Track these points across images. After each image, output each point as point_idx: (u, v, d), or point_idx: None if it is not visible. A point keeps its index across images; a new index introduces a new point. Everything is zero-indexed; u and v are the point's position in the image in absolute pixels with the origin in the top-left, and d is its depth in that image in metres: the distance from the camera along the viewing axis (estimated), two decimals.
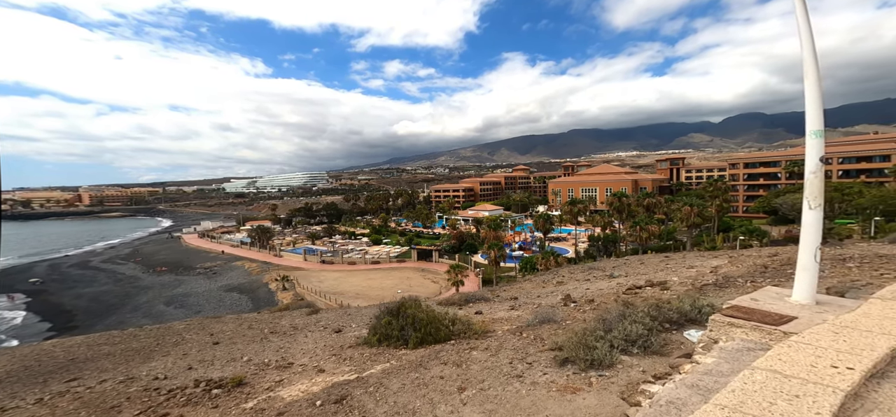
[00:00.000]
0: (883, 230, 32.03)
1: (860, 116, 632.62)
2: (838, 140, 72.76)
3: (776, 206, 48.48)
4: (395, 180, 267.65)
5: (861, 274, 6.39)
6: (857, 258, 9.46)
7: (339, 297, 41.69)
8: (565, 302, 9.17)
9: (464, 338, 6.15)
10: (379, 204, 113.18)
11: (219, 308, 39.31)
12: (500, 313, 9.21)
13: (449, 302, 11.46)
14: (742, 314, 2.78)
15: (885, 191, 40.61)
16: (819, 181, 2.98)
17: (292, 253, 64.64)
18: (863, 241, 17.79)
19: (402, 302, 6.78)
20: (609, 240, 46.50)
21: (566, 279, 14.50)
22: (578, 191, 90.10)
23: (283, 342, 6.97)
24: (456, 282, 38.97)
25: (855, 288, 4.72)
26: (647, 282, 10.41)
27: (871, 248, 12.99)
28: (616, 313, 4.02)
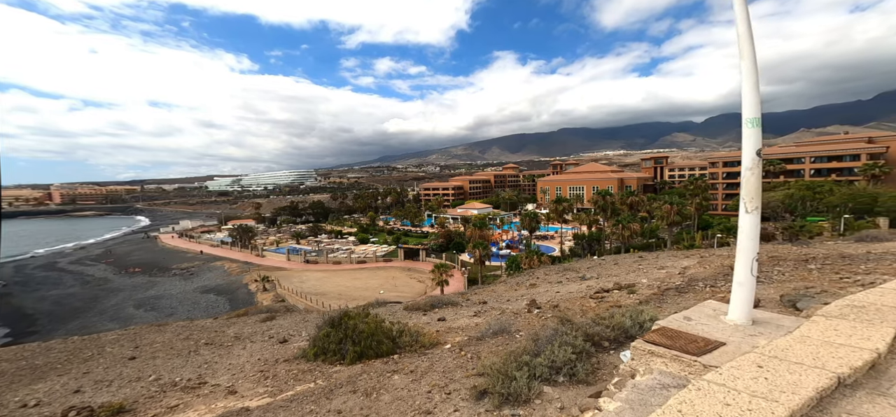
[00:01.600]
0: (852, 227, 33.19)
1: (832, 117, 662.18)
2: (811, 140, 75.52)
3: None
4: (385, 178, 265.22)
5: (820, 278, 6.21)
6: (821, 259, 9.43)
7: (320, 298, 40.74)
8: (529, 308, 8.81)
9: (408, 352, 5.69)
10: (367, 202, 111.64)
11: (193, 310, 37.81)
12: (461, 320, 8.79)
13: (415, 307, 10.98)
14: (666, 340, 2.39)
15: (854, 190, 42.19)
16: (756, 179, 2.60)
17: (275, 253, 63.01)
18: (831, 239, 18.15)
19: (346, 313, 6.26)
20: (593, 239, 46.84)
21: (540, 281, 14.22)
22: (566, 189, 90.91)
23: (214, 355, 6.37)
24: (440, 282, 38.56)
25: (808, 296, 4.45)
26: (615, 285, 10.17)
27: (836, 247, 13.14)
28: (550, 332, 3.61)
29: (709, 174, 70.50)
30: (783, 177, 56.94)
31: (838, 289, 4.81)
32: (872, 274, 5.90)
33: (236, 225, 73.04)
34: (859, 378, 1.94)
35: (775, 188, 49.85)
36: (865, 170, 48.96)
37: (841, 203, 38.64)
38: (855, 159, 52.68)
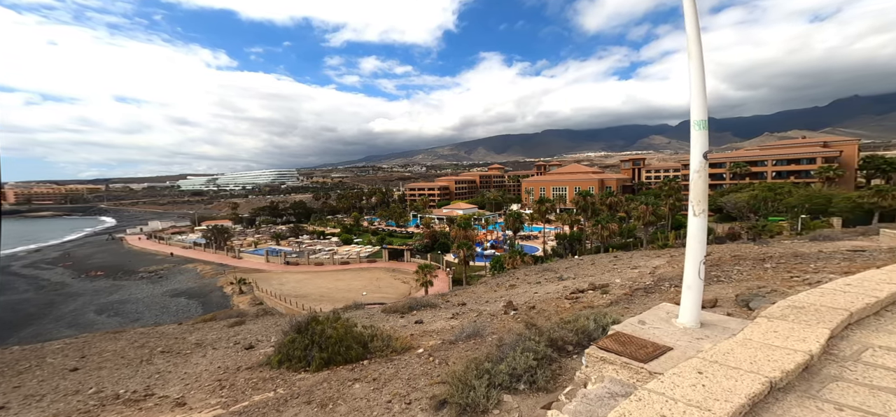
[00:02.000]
0: (808, 227, 35.70)
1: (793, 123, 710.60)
2: (773, 144, 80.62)
3: (721, 205, 52.57)
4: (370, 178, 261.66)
5: (774, 277, 6.56)
6: (777, 258, 10.01)
7: (301, 300, 39.69)
8: (506, 309, 8.86)
9: (379, 358, 5.56)
10: (351, 202, 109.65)
11: (162, 315, 35.87)
12: (438, 323, 8.72)
13: (394, 309, 10.82)
14: (617, 346, 2.40)
15: (810, 191, 45.37)
16: (703, 182, 2.65)
17: (253, 255, 60.81)
18: (788, 239, 19.39)
19: (313, 318, 6.04)
20: (574, 239, 47.99)
21: (520, 282, 14.36)
22: (550, 189, 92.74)
23: (169, 364, 6.00)
24: (425, 283, 38.39)
25: (760, 295, 4.68)
26: (590, 285, 10.39)
27: (792, 247, 14.02)
28: (514, 337, 3.59)
29: (682, 175, 73.83)
30: (748, 179, 60.44)
31: (787, 289, 5.07)
32: (820, 273, 6.29)
33: (211, 226, 69.82)
34: (792, 380, 2.00)
35: (741, 189, 52.86)
36: (820, 173, 52.73)
37: (798, 203, 41.43)
38: (811, 162, 56.64)
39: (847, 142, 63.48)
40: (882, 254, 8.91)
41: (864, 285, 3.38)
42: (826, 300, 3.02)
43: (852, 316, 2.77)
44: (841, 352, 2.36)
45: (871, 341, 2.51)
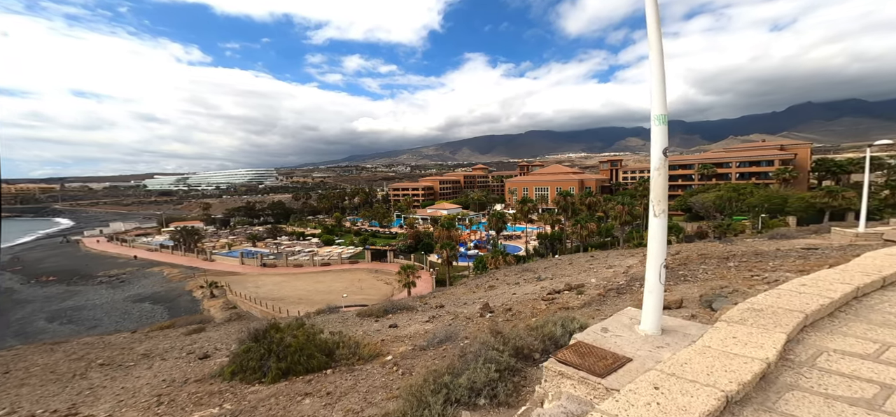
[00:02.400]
0: (767, 225, 38.13)
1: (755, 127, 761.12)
2: (736, 147, 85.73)
3: (690, 205, 55.26)
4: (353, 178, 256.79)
5: (736, 276, 6.76)
6: (739, 256, 10.46)
7: (278, 304, 38.27)
8: (482, 312, 8.74)
9: (343, 366, 5.24)
10: (333, 202, 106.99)
11: (122, 321, 33.45)
12: (413, 327, 8.48)
13: (369, 313, 10.46)
14: (576, 358, 2.24)
15: (769, 192, 48.49)
16: (663, 180, 2.55)
17: (227, 257, 58.03)
18: (750, 237, 20.52)
19: (273, 325, 5.63)
20: (555, 238, 48.96)
21: (499, 283, 14.33)
22: (533, 190, 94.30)
23: (106, 378, 5.44)
24: (407, 284, 37.98)
25: (722, 296, 4.75)
26: (566, 286, 10.45)
27: (753, 245, 14.77)
28: (478, 345, 3.41)
29: None
30: (715, 179, 63.92)
31: (747, 288, 5.19)
32: (777, 271, 6.54)
33: (179, 228, 65.98)
34: (749, 392, 1.91)
35: (708, 190, 55.78)
36: (778, 175, 56.51)
37: (759, 203, 44.19)
38: (770, 164, 60.63)
39: (801, 145, 68.41)
40: (833, 252, 9.48)
41: (819, 285, 3.43)
42: (783, 301, 3.02)
43: (808, 319, 2.77)
44: (797, 357, 2.32)
45: (826, 344, 2.50)
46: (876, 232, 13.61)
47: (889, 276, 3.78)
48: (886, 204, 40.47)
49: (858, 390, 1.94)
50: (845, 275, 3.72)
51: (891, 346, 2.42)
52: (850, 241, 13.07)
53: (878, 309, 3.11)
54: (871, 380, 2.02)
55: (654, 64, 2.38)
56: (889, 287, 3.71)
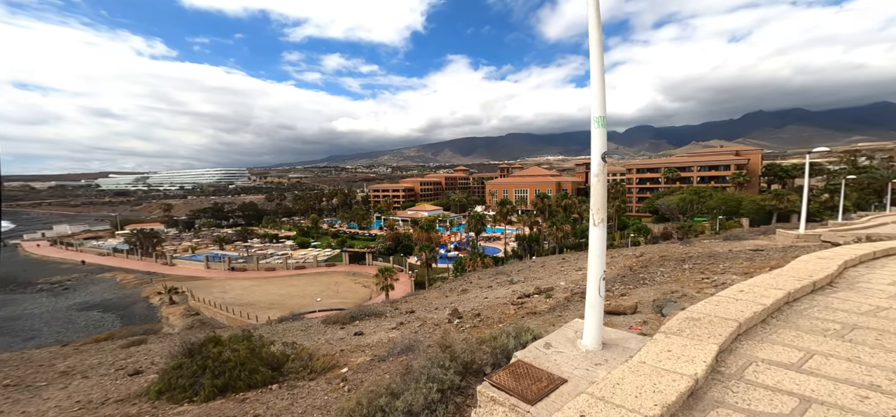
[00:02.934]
0: (724, 226, 40.98)
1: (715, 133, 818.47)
2: (697, 152, 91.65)
3: (657, 207, 58.36)
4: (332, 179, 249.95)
5: (689, 279, 7.05)
6: (695, 258, 11.02)
7: (247, 309, 36.45)
8: (451, 318, 8.59)
9: (293, 380, 4.89)
10: (309, 203, 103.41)
11: (65, 332, 30.42)
12: (379, 335, 8.18)
13: (335, 320, 10.01)
14: (511, 381, 2.12)
15: (726, 195, 52.12)
16: (602, 186, 2.48)
17: (190, 261, 54.47)
18: (708, 238, 21.89)
19: (212, 338, 5.17)
20: (532, 240, 49.96)
21: (472, 286, 14.28)
22: (512, 191, 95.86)
23: (8, 401, 4.78)
24: (385, 287, 37.38)
25: (672, 300, 4.88)
26: (536, 289, 10.53)
27: (709, 246, 15.69)
28: (424, 361, 3.23)
29: (625, 180, 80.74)
30: (679, 183, 67.97)
31: (696, 293, 5.38)
32: (726, 273, 6.88)
33: (136, 230, 61.07)
34: (675, 412, 1.85)
35: (673, 192, 59.16)
36: (733, 179, 60.97)
37: (717, 205, 47.38)
38: (727, 169, 65.30)
39: (753, 151, 74.32)
40: (776, 253, 10.21)
41: (755, 291, 3.55)
42: (720, 309, 3.08)
43: (741, 327, 2.82)
44: (727, 369, 2.33)
45: (756, 354, 2.54)
46: (815, 234, 14.90)
47: (819, 281, 4.01)
48: (826, 206, 44.71)
49: (778, 404, 1.95)
50: (779, 280, 3.89)
51: (814, 354, 2.50)
52: (792, 242, 14.20)
53: (807, 315, 3.25)
54: (792, 392, 2.05)
55: (594, 64, 2.30)
56: (818, 291, 3.93)
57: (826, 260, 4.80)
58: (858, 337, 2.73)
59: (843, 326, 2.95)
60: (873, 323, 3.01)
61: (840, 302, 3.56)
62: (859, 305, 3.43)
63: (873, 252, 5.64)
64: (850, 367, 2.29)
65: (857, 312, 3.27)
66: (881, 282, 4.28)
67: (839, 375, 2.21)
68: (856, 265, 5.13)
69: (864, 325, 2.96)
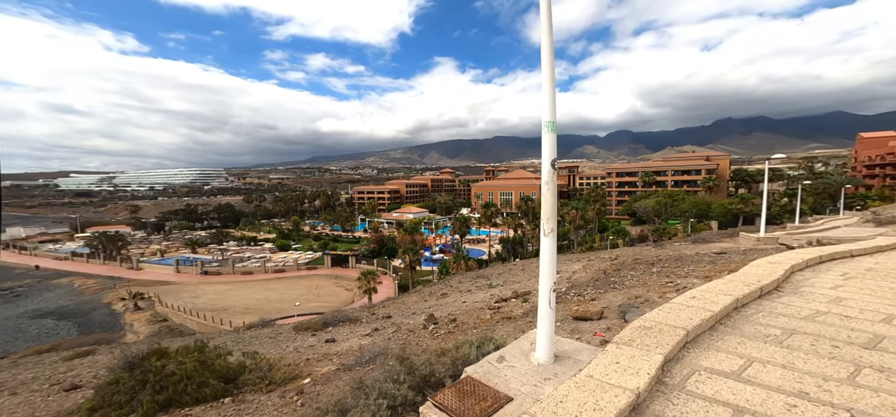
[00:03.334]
0: (695, 229, 43.00)
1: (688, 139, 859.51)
2: (672, 157, 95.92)
3: (635, 210, 60.51)
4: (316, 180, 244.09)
5: (655, 283, 7.27)
6: (664, 260, 11.44)
7: (221, 314, 34.89)
8: (426, 324, 8.50)
9: (249, 393, 4.63)
10: (291, 205, 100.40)
11: (14, 342, 28.02)
12: (350, 341, 7.96)
13: (307, 326, 9.68)
14: (455, 400, 2.05)
15: (697, 199, 54.69)
16: (552, 195, 2.45)
17: (159, 265, 51.65)
18: (680, 241, 22.90)
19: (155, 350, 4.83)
20: (516, 242, 50.57)
21: (452, 290, 14.22)
22: (498, 194, 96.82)
23: None
24: (368, 290, 36.78)
25: (635, 305, 5.00)
26: (513, 293, 10.60)
27: (679, 249, 16.38)
28: (380, 374, 3.13)
29: (606, 183, 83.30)
30: (655, 186, 70.83)
31: (659, 297, 5.54)
32: (689, 277, 7.15)
33: (98, 233, 57.26)
34: None
35: (650, 196, 61.57)
36: (704, 183, 64.14)
37: (689, 209, 49.64)
38: (698, 174, 68.62)
39: (722, 156, 78.55)
40: (737, 256, 10.75)
41: (707, 297, 3.66)
42: (672, 317, 3.14)
43: (689, 335, 2.89)
44: (671, 380, 2.37)
45: (700, 362, 2.60)
46: (773, 237, 15.83)
47: (766, 285, 4.20)
48: (785, 210, 47.76)
49: (714, 416, 1.99)
50: (730, 286, 4.04)
51: (753, 362, 2.58)
52: (753, 245, 15.02)
53: (752, 320, 3.38)
54: (728, 403, 2.09)
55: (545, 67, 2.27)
56: (766, 296, 4.11)
57: (775, 265, 5.05)
58: (795, 343, 2.85)
59: (783, 331, 3.08)
60: (811, 328, 3.16)
61: (783, 306, 3.73)
62: (800, 310, 3.61)
63: (819, 256, 6.00)
64: (784, 374, 2.37)
65: (797, 317, 3.43)
66: (823, 286, 4.54)
67: (773, 383, 2.28)
68: (802, 269, 5.43)
69: (802, 330, 3.10)
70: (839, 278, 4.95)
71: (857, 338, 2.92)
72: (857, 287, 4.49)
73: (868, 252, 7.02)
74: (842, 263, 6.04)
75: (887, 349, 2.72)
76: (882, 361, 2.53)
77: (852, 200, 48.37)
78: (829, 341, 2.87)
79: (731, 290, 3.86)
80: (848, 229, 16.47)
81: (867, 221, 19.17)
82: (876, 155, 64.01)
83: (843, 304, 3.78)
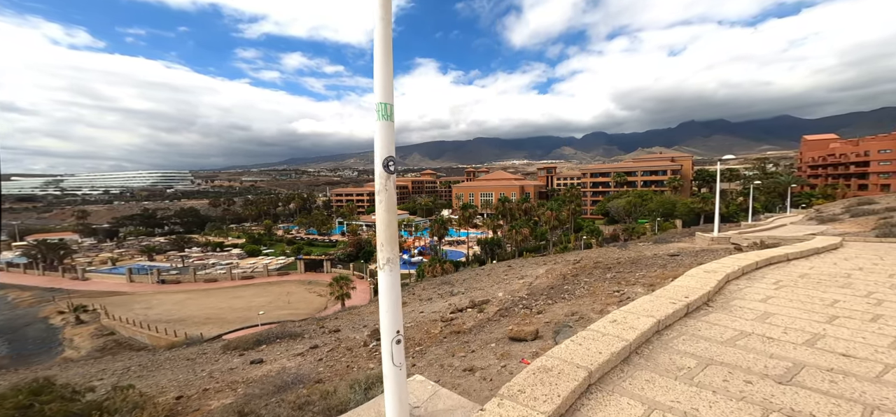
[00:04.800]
0: (662, 228, 44.81)
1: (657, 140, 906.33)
2: (641, 158, 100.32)
3: (608, 209, 62.47)
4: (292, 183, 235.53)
5: (603, 292, 7.03)
6: (622, 264, 11.42)
7: (176, 325, 32.45)
8: (368, 340, 7.86)
9: None
10: (263, 208, 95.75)
11: None
12: (278, 362, 7.18)
13: (237, 345, 8.74)
14: None
15: (664, 198, 57.18)
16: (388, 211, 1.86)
17: (109, 274, 47.55)
18: (645, 241, 23.47)
19: None
20: (494, 244, 50.59)
21: (414, 298, 13.63)
22: (478, 195, 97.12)
23: None
24: (341, 296, 35.50)
25: (568, 325, 4.64)
26: (471, 303, 10.15)
27: (641, 250, 16.62)
28: None
29: (581, 183, 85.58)
30: (626, 187, 73.53)
31: (595, 314, 5.22)
32: (636, 285, 6.95)
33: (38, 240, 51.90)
34: None
35: (621, 196, 63.77)
36: (670, 183, 67.29)
37: (657, 208, 51.76)
38: (664, 174, 71.92)
39: (685, 158, 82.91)
40: (689, 258, 10.88)
41: (627, 320, 3.29)
42: (578, 353, 2.72)
43: (592, 376, 2.47)
44: None
45: (596, 413, 2.18)
46: (726, 236, 16.40)
47: (693, 302, 3.91)
48: (741, 208, 50.82)
49: None
50: (656, 304, 3.71)
51: (654, 410, 2.18)
52: (707, 245, 15.46)
53: (671, 347, 3.03)
54: None
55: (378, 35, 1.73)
56: (692, 313, 3.83)
57: (709, 275, 4.84)
58: (707, 379, 2.50)
59: (698, 362, 2.74)
60: (729, 355, 2.84)
61: (708, 327, 3.43)
62: (723, 331, 3.32)
63: (756, 262, 5.92)
64: None
65: (719, 340, 3.13)
66: (754, 298, 4.35)
67: None
68: (738, 277, 5.28)
69: (720, 359, 2.78)
70: (772, 287, 4.81)
71: (774, 369, 2.61)
72: (787, 298, 4.33)
73: (805, 254, 7.11)
74: (777, 268, 6.00)
75: (802, 383, 2.42)
76: (794, 402, 2.21)
77: (798, 198, 52.31)
78: (744, 373, 2.55)
79: (655, 310, 3.53)
80: (792, 227, 17.40)
81: (810, 219, 20.44)
82: (818, 156, 69.77)
83: (769, 322, 3.54)
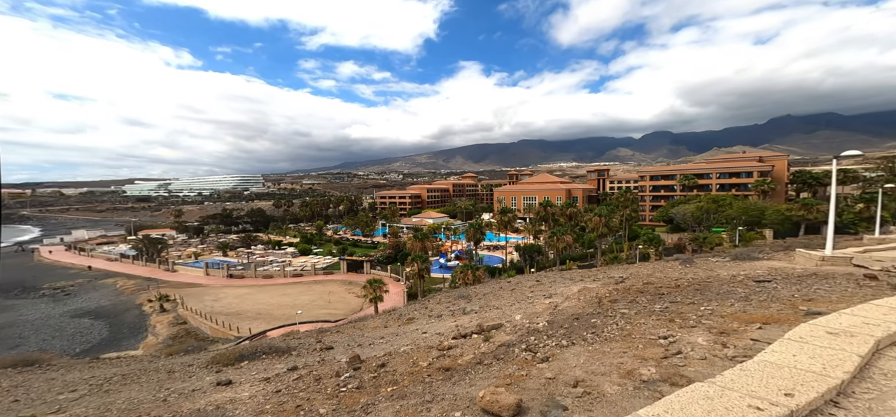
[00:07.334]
0: (745, 238, 37.20)
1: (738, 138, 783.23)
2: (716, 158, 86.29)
3: (672, 216, 54.47)
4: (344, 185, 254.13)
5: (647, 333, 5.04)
6: (681, 289, 8.81)
7: (234, 320, 35.94)
8: (347, 367, 6.83)
9: None
10: (316, 209, 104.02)
11: (52, 340, 30.47)
12: (242, 387, 6.50)
13: (219, 360, 8.37)
14: None
15: (747, 204, 47.88)
16: None
17: (192, 268, 55.07)
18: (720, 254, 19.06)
19: None
20: (533, 250, 47.27)
21: (421, 314, 12.47)
22: (520, 199, 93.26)
23: None
24: (374, 299, 35.99)
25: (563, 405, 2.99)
26: (478, 327, 8.62)
27: (712, 268, 13.24)
28: None
29: (638, 187, 76.64)
30: (696, 190, 63.59)
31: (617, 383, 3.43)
32: (696, 329, 4.84)
33: (144, 236, 62.55)
34: None
35: (689, 201, 55.17)
36: (757, 186, 56.31)
37: (737, 215, 43.39)
38: (749, 176, 60.55)
39: (778, 157, 68.79)
40: (786, 287, 7.91)
41: None
42: None
43: None
44: None
45: None
46: (844, 256, 12.19)
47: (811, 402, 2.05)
48: (861, 217, 40.03)
49: None
50: (717, 405, 1.96)
51: None
52: (815, 267, 11.61)
53: None
54: None
55: None
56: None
57: (841, 340, 2.79)
58: None
59: None
60: None
61: None
62: None
63: None
64: None
65: None
66: None
67: None
68: (890, 346, 3.06)
69: None
70: None
71: None
72: None
73: None
74: None
75: None
76: None
77: None
78: None
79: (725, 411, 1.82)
80: None
81: None
82: None
83: None
